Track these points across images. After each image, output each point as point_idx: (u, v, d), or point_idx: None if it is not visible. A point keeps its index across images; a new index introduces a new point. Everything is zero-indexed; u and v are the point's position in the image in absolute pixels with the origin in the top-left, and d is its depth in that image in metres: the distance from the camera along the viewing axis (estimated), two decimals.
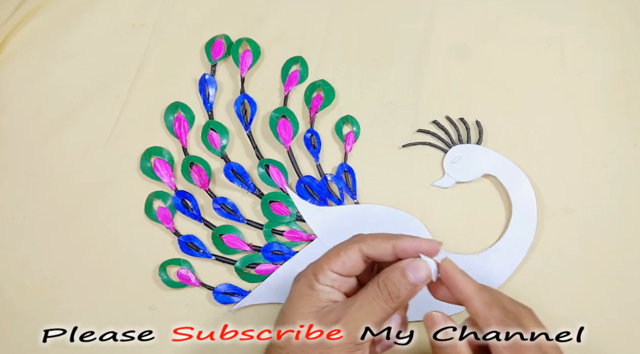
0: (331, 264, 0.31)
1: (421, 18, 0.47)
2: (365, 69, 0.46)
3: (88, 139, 0.45)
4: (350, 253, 0.31)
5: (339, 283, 0.31)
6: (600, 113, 0.44)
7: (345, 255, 0.31)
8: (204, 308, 0.40)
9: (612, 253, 0.40)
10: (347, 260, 0.31)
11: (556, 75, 0.45)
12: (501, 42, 0.47)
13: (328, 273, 0.31)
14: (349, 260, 0.31)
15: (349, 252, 0.31)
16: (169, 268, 0.41)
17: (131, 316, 0.40)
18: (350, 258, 0.31)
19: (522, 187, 0.41)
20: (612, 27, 0.47)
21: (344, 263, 0.31)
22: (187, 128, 0.44)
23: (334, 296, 0.31)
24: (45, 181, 0.43)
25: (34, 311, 0.40)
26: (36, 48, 0.47)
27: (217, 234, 0.41)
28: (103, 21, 0.48)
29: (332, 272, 0.31)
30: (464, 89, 0.45)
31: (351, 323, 0.29)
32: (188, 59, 0.47)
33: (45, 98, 0.46)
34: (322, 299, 0.31)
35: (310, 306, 0.31)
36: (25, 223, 0.42)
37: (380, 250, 0.31)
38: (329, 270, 0.31)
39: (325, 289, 0.31)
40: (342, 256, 0.31)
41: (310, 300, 0.31)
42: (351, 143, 0.43)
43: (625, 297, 0.39)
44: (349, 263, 0.31)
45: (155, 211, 0.42)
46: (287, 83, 0.45)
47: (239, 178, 0.42)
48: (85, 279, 0.41)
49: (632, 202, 0.41)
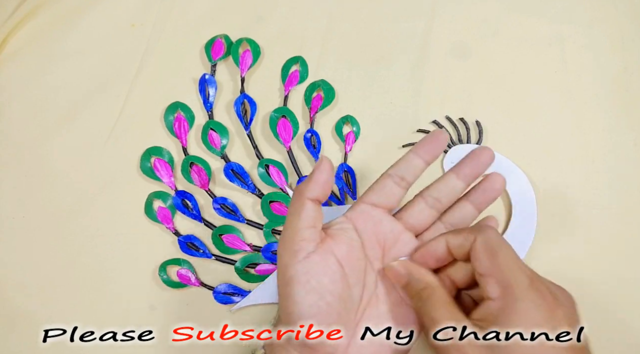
0: (363, 197, 0.33)
1: (421, 18, 0.47)
2: (365, 69, 0.46)
3: (88, 139, 0.45)
4: (379, 180, 0.33)
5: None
6: (600, 113, 0.44)
7: (375, 184, 0.33)
8: (204, 308, 0.40)
9: (613, 253, 0.40)
10: (376, 186, 0.33)
11: (556, 75, 0.45)
12: (501, 42, 0.47)
13: (360, 206, 0.33)
14: (378, 185, 0.33)
15: (378, 180, 0.33)
16: (169, 267, 0.41)
17: (131, 316, 0.40)
18: (380, 184, 0.33)
19: (523, 187, 0.41)
20: (612, 27, 0.47)
21: (372, 190, 0.33)
22: (187, 128, 0.44)
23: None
24: (45, 181, 0.43)
25: (34, 311, 0.40)
26: (36, 48, 0.47)
27: (217, 234, 0.41)
28: (103, 21, 0.48)
29: (364, 204, 0.33)
30: (464, 89, 0.45)
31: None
32: (188, 59, 0.47)
33: (45, 98, 0.46)
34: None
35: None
36: (25, 223, 0.42)
37: (404, 161, 0.33)
38: (361, 203, 0.33)
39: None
40: (372, 185, 0.33)
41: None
42: (351, 143, 0.43)
43: (625, 297, 0.39)
44: (379, 190, 0.33)
45: (155, 211, 0.42)
46: (287, 83, 0.45)
47: (239, 178, 0.42)
48: (85, 279, 0.41)
49: (632, 202, 0.41)
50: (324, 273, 0.30)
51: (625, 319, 0.39)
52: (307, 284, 0.29)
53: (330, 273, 0.30)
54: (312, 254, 0.30)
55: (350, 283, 0.31)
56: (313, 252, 0.30)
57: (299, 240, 0.30)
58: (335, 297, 0.30)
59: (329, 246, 0.31)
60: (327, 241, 0.31)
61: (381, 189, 0.33)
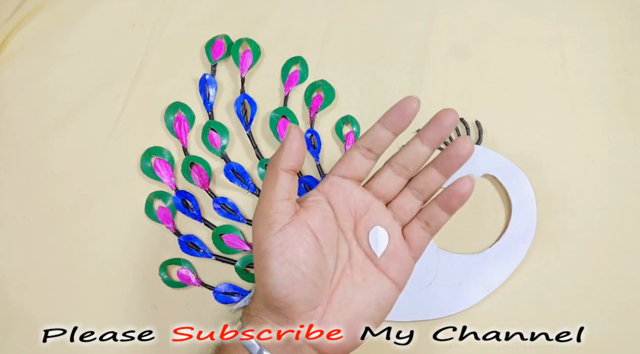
0: (333, 169, 0.33)
1: (421, 18, 0.47)
2: (365, 69, 0.46)
3: (88, 139, 0.45)
4: (348, 153, 0.33)
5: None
6: (600, 113, 0.44)
7: (345, 156, 0.33)
8: (204, 308, 0.40)
9: (612, 253, 0.40)
10: (345, 159, 0.33)
11: (556, 75, 0.45)
12: (501, 42, 0.47)
13: (330, 178, 0.33)
14: (347, 158, 0.33)
15: (348, 153, 0.33)
16: (169, 267, 0.41)
17: (131, 316, 0.40)
18: (348, 156, 0.33)
19: (522, 187, 0.41)
20: (612, 27, 0.47)
21: (342, 162, 0.33)
22: (187, 128, 0.44)
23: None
24: (45, 181, 0.43)
25: (34, 311, 0.40)
26: (36, 48, 0.47)
27: (218, 234, 0.41)
28: (103, 21, 0.48)
29: (334, 176, 0.33)
30: (463, 89, 0.45)
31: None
32: (188, 59, 0.47)
33: (45, 98, 0.46)
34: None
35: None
36: (25, 223, 0.42)
37: (371, 133, 0.32)
38: (331, 175, 0.33)
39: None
40: (341, 158, 0.33)
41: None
42: (351, 143, 0.43)
43: (625, 297, 0.39)
44: (348, 162, 0.33)
45: (155, 210, 0.42)
46: (287, 83, 0.45)
47: (239, 178, 0.42)
48: (85, 279, 0.41)
49: (632, 202, 0.41)
50: (299, 244, 0.30)
51: (625, 319, 0.39)
52: (282, 256, 0.30)
53: (305, 244, 0.30)
54: (286, 226, 0.30)
55: (325, 253, 0.31)
56: (288, 224, 0.30)
57: (273, 212, 0.30)
58: (310, 267, 0.30)
59: (303, 217, 0.31)
60: (301, 212, 0.31)
61: (350, 161, 0.33)
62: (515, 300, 0.39)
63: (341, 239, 0.33)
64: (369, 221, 0.33)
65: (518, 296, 0.39)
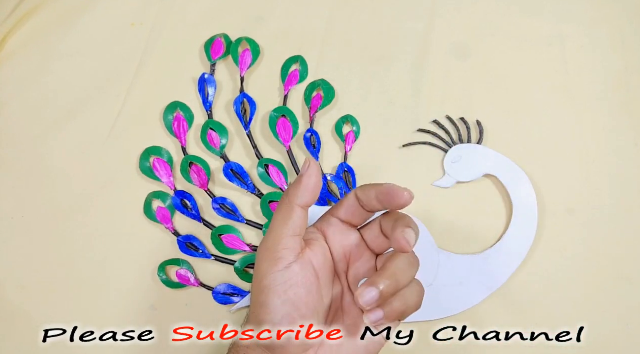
0: (333, 211, 0.33)
1: (421, 18, 0.47)
2: (365, 69, 0.46)
3: (87, 139, 0.44)
4: (348, 196, 0.32)
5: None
6: (601, 113, 0.44)
7: (345, 199, 0.32)
8: (204, 308, 0.40)
9: (613, 253, 0.40)
10: (345, 202, 0.32)
11: (557, 75, 0.45)
12: (501, 42, 0.47)
13: (330, 219, 0.33)
14: (347, 201, 0.32)
15: (347, 197, 0.32)
16: (168, 268, 0.41)
17: (131, 316, 0.40)
18: (348, 200, 0.32)
19: (523, 187, 0.41)
20: (612, 27, 0.47)
21: (342, 206, 0.32)
22: (187, 128, 0.44)
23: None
24: (44, 181, 0.43)
25: (34, 311, 0.40)
26: (35, 48, 0.47)
27: (217, 235, 0.41)
28: (102, 21, 0.48)
29: (333, 217, 0.32)
30: (464, 89, 0.45)
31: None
32: (187, 59, 0.47)
33: (45, 98, 0.46)
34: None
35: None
36: (24, 223, 0.42)
37: (367, 193, 0.31)
38: (330, 216, 0.33)
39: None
40: (342, 201, 0.33)
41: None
42: (351, 143, 0.43)
43: (625, 297, 0.39)
44: (347, 206, 0.32)
45: (154, 211, 0.42)
46: (287, 83, 0.45)
47: (238, 178, 0.42)
48: (84, 279, 0.41)
49: (633, 202, 0.41)
50: (302, 284, 0.29)
51: (625, 318, 0.39)
52: (284, 295, 0.29)
53: (308, 284, 0.30)
54: (293, 264, 0.29)
55: (323, 294, 0.31)
56: (294, 262, 0.30)
57: (282, 248, 0.30)
58: (310, 309, 0.30)
59: (308, 256, 0.30)
60: (306, 251, 0.31)
61: (349, 207, 0.32)
62: (515, 300, 0.39)
63: (336, 281, 0.32)
64: (360, 267, 0.32)
65: (519, 296, 0.39)
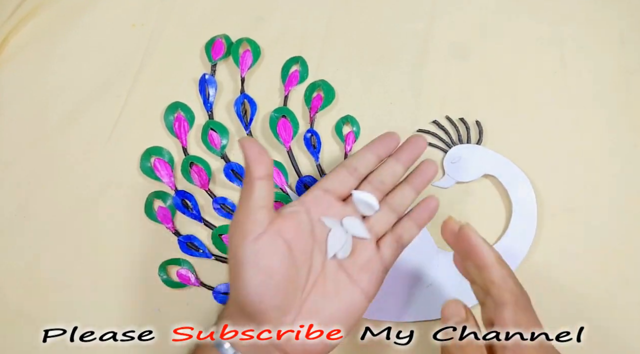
0: (318, 184, 0.36)
1: (421, 18, 0.47)
2: (365, 69, 0.46)
3: (88, 139, 0.45)
4: (335, 169, 0.36)
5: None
6: (600, 113, 0.44)
7: (331, 172, 0.36)
8: (204, 308, 0.40)
9: (612, 253, 0.40)
10: (331, 175, 0.36)
11: (556, 75, 0.45)
12: (501, 42, 0.47)
13: (315, 191, 0.35)
14: (333, 174, 0.36)
15: (335, 169, 0.36)
16: (168, 267, 0.41)
17: (131, 316, 0.40)
18: (334, 172, 0.36)
19: (522, 187, 0.41)
20: (612, 27, 0.47)
21: (328, 179, 0.36)
22: (187, 128, 0.44)
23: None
24: (45, 181, 0.43)
25: (34, 311, 0.40)
26: (36, 48, 0.47)
27: (217, 234, 0.41)
28: (103, 22, 0.48)
29: (318, 190, 0.35)
30: (463, 89, 0.45)
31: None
32: (188, 59, 0.47)
33: (46, 98, 0.46)
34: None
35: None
36: (25, 224, 0.42)
37: (358, 155, 0.36)
38: (315, 188, 0.36)
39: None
40: (328, 174, 0.36)
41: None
42: (351, 143, 0.43)
43: (625, 297, 0.39)
44: (333, 177, 0.36)
45: (155, 210, 0.42)
46: (287, 83, 0.45)
47: (239, 178, 0.42)
48: (84, 279, 0.41)
49: (632, 202, 0.41)
50: (273, 254, 0.31)
51: (625, 318, 0.39)
52: (256, 265, 0.30)
53: (279, 253, 0.31)
54: (262, 235, 0.31)
55: (298, 264, 0.32)
56: (263, 233, 0.31)
57: (250, 221, 0.31)
58: (283, 277, 0.31)
59: (277, 227, 0.32)
60: (276, 222, 0.32)
61: (335, 177, 0.36)
62: None
63: (316, 251, 0.34)
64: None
65: None
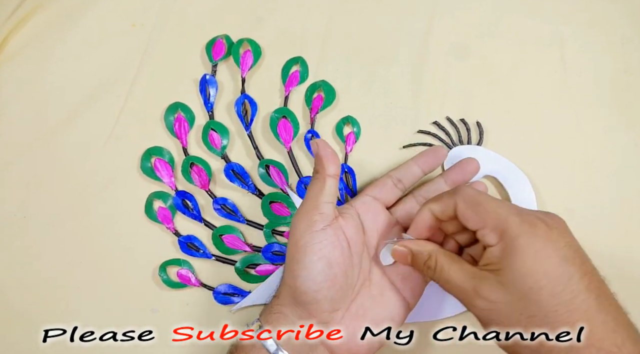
0: (367, 191, 0.38)
1: (421, 18, 0.47)
2: (365, 69, 0.46)
3: (88, 139, 0.45)
4: (382, 179, 0.38)
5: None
6: (600, 113, 0.44)
7: (378, 181, 0.39)
8: (204, 308, 0.40)
9: (612, 253, 0.40)
10: (379, 183, 0.38)
11: (556, 76, 0.45)
12: (501, 42, 0.47)
13: (365, 197, 0.37)
14: (380, 183, 0.38)
15: (382, 179, 0.39)
16: (169, 268, 0.41)
17: (131, 316, 0.40)
18: (382, 182, 0.38)
19: (523, 188, 0.41)
20: (612, 27, 0.47)
21: (376, 187, 0.38)
22: (188, 128, 0.44)
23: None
24: (45, 181, 0.43)
25: (34, 311, 0.40)
26: (36, 48, 0.47)
27: (218, 235, 0.41)
28: (103, 21, 0.48)
29: (368, 196, 0.37)
30: (464, 90, 0.45)
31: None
32: (188, 59, 0.47)
33: (46, 98, 0.46)
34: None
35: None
36: (25, 223, 0.42)
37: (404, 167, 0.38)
38: (365, 195, 0.38)
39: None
40: (376, 183, 0.38)
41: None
42: (352, 144, 0.43)
43: (625, 297, 0.39)
44: (381, 186, 0.38)
45: (155, 211, 0.42)
46: (288, 83, 0.45)
47: (239, 178, 0.42)
48: (85, 279, 0.41)
49: (632, 202, 0.41)
50: (336, 246, 0.32)
51: None
52: (320, 252, 0.31)
53: (340, 247, 0.33)
54: (327, 227, 0.32)
55: (354, 261, 0.33)
56: (328, 226, 0.32)
57: (318, 212, 0.33)
58: (341, 269, 0.32)
59: (340, 224, 0.34)
60: (339, 219, 0.34)
61: (382, 186, 0.38)
62: None
63: (365, 254, 0.35)
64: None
65: None
